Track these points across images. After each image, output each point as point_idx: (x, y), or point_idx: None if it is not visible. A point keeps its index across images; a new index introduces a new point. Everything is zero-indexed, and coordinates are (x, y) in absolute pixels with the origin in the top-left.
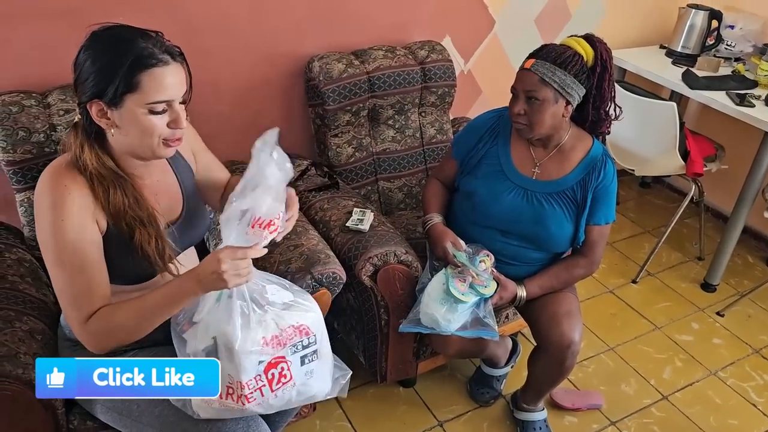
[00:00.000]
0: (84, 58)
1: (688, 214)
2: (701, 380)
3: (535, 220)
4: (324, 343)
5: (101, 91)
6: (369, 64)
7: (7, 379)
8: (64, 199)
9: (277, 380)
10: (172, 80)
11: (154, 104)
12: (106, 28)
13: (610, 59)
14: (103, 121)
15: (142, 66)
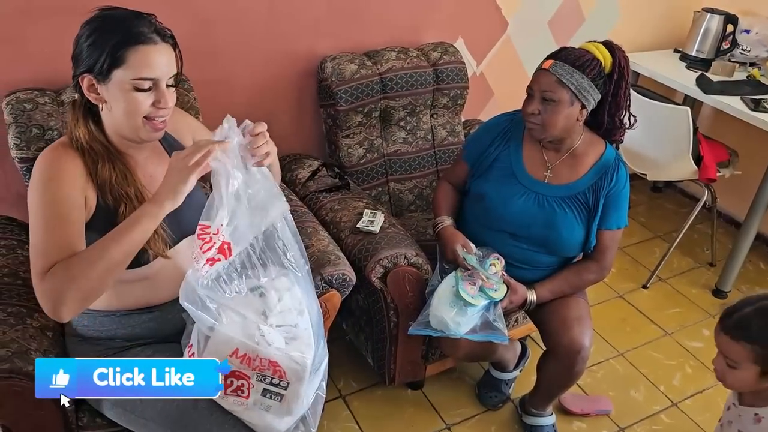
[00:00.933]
0: (80, 33)
1: (700, 219)
2: (712, 387)
3: (547, 224)
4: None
5: (91, 64)
6: (381, 65)
7: (17, 375)
8: (57, 166)
9: (233, 389)
10: (160, 59)
11: (140, 80)
12: (107, 8)
13: (627, 67)
14: (92, 95)
15: (130, 42)
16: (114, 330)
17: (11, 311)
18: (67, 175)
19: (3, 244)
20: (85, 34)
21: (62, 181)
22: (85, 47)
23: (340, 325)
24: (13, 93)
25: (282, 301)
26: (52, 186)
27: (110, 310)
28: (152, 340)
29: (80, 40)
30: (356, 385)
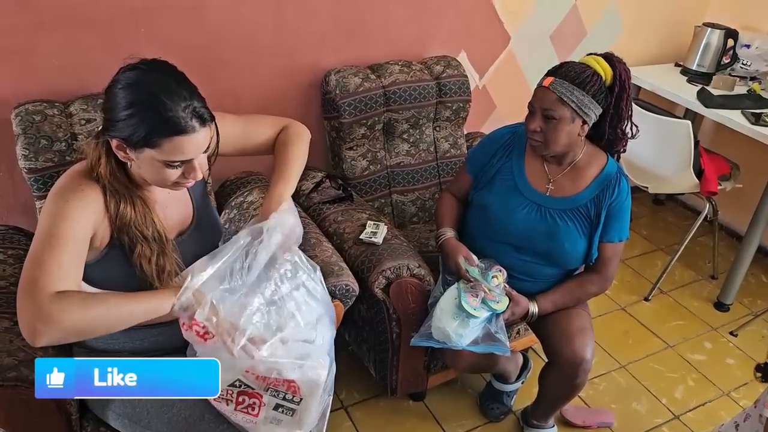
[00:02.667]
0: (120, 98)
1: (701, 232)
2: (714, 400)
3: (549, 236)
4: (308, 415)
5: (125, 135)
6: (385, 78)
7: (24, 383)
8: (76, 195)
9: (243, 406)
10: (195, 146)
11: (171, 162)
12: (151, 70)
13: (628, 79)
14: (121, 154)
15: (167, 132)
16: (122, 343)
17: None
18: (84, 205)
19: (10, 253)
20: (124, 102)
21: (77, 208)
22: (122, 116)
23: (342, 336)
24: (22, 105)
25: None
26: (66, 211)
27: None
28: (159, 353)
29: (117, 102)
30: (358, 396)
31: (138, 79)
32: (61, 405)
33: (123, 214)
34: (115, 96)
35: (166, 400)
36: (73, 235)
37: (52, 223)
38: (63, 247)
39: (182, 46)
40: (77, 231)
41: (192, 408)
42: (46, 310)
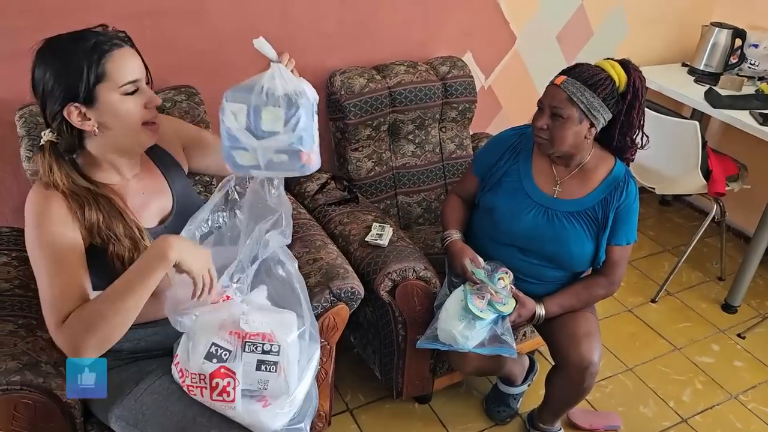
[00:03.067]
0: (41, 73)
1: (709, 233)
2: (722, 403)
3: (556, 239)
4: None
5: (73, 92)
6: (390, 79)
7: (28, 387)
8: (43, 208)
9: (218, 391)
10: (133, 61)
11: (125, 86)
12: (48, 39)
13: (642, 87)
14: (86, 123)
15: (102, 52)
16: (120, 343)
17: (22, 323)
18: (56, 215)
19: (15, 255)
20: (49, 68)
21: (52, 223)
22: (58, 78)
23: (348, 339)
24: (26, 106)
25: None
26: (43, 230)
27: None
28: (157, 352)
29: (45, 77)
30: (364, 399)
31: (44, 49)
32: (65, 409)
33: (89, 217)
34: (39, 78)
35: (161, 404)
36: (60, 256)
37: (36, 256)
38: (54, 275)
39: (187, 48)
40: (62, 248)
41: (184, 412)
42: (64, 344)
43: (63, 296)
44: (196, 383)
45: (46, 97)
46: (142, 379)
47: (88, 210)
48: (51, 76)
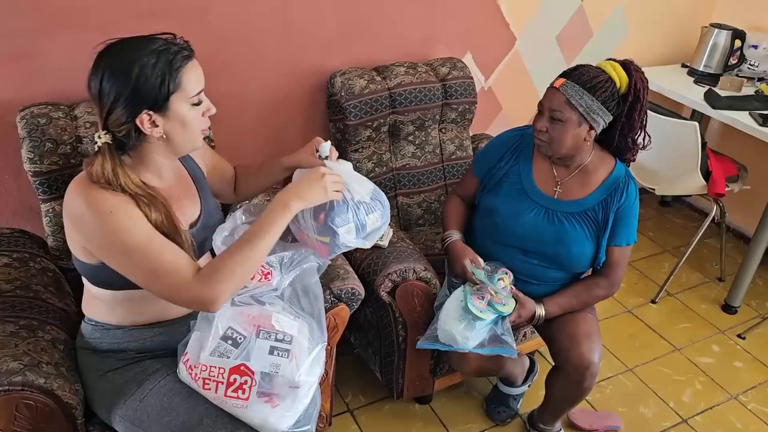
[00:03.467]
0: (112, 78)
1: (708, 234)
2: (722, 404)
3: (556, 240)
4: (303, 359)
5: (150, 100)
6: (390, 80)
7: (29, 388)
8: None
9: (234, 388)
10: (200, 72)
11: (194, 97)
12: (117, 44)
13: (644, 89)
14: (155, 130)
15: (180, 63)
16: (126, 343)
17: (23, 324)
18: (130, 207)
19: (16, 257)
20: (127, 73)
21: (129, 209)
22: (135, 85)
23: (348, 340)
24: (27, 108)
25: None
26: (124, 216)
27: (123, 325)
28: (161, 353)
29: (118, 81)
30: (364, 400)
31: (115, 56)
32: (66, 409)
33: (156, 218)
34: (111, 85)
35: (166, 404)
36: (153, 232)
37: (124, 237)
38: (151, 243)
39: None
40: (143, 223)
41: (191, 412)
42: (202, 296)
43: (178, 258)
44: (213, 377)
45: (116, 102)
46: (147, 379)
47: (153, 211)
48: (126, 83)
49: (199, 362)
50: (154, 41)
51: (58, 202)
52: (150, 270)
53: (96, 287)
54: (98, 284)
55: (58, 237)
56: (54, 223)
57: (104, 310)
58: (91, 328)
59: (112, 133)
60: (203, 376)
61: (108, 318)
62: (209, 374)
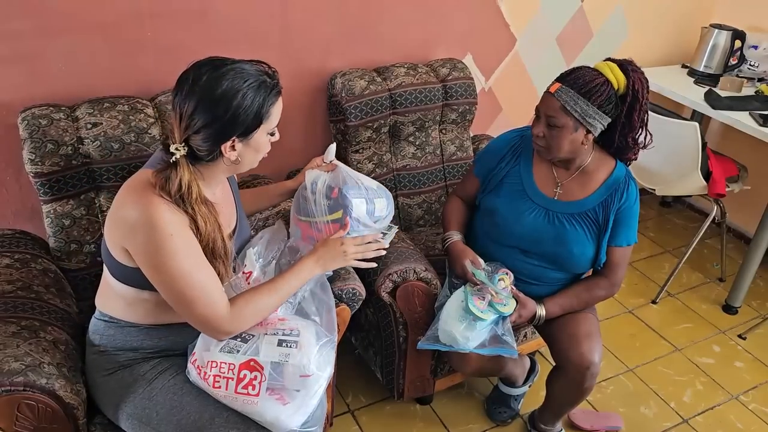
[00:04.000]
0: (210, 106)
1: (709, 234)
2: (722, 404)
3: (557, 241)
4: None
5: (242, 129)
6: (391, 81)
7: (31, 388)
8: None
9: (244, 384)
10: (281, 104)
11: (274, 127)
12: (214, 67)
13: (643, 89)
14: (232, 153)
15: (274, 100)
16: (140, 341)
17: (25, 324)
18: (188, 232)
19: (17, 258)
20: (225, 102)
21: (183, 229)
22: (234, 114)
23: (349, 340)
24: (28, 109)
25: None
26: (180, 239)
27: (140, 323)
28: (173, 353)
29: (214, 108)
30: (365, 400)
31: (221, 75)
32: (68, 410)
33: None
34: (209, 102)
35: (176, 403)
36: (201, 256)
37: (176, 262)
38: (198, 274)
39: (189, 49)
40: (196, 251)
41: (202, 411)
42: (230, 328)
43: (216, 293)
44: (224, 373)
45: (208, 127)
46: (156, 378)
47: (209, 228)
48: (224, 112)
49: (210, 359)
50: (250, 73)
51: (58, 203)
52: (188, 298)
53: (121, 284)
54: (126, 282)
55: (59, 238)
56: (55, 224)
57: (123, 307)
58: (104, 324)
59: (189, 147)
60: (213, 374)
61: (125, 315)
62: (219, 370)
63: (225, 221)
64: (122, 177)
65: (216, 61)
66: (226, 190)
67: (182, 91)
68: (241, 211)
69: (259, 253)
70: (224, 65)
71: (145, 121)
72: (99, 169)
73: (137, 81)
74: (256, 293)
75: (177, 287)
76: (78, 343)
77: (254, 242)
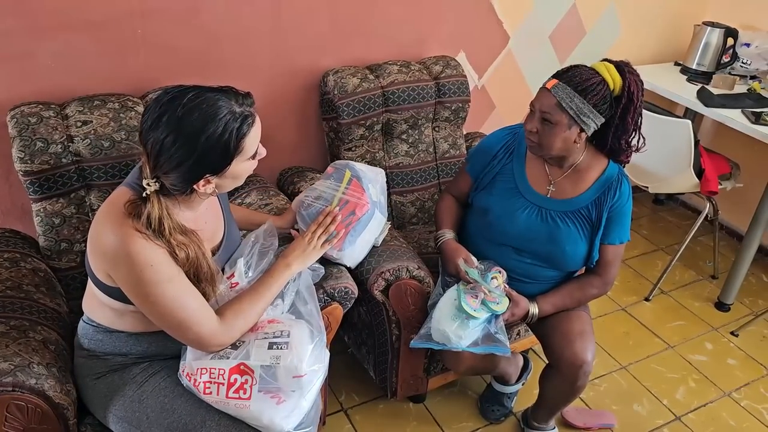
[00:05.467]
0: (176, 146)
1: (702, 232)
2: (715, 401)
3: (549, 239)
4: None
5: (213, 168)
6: (384, 78)
7: (20, 389)
8: (156, 257)
9: (235, 389)
10: (259, 127)
11: (253, 154)
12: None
13: (638, 91)
14: (208, 187)
15: (244, 133)
16: (129, 347)
17: (14, 324)
18: (168, 259)
19: (7, 257)
20: (192, 143)
21: (163, 259)
22: (200, 156)
23: (342, 339)
24: (17, 107)
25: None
26: (159, 269)
27: (128, 331)
28: (163, 356)
29: (183, 149)
30: (358, 399)
31: (183, 116)
32: (58, 410)
33: (186, 262)
34: (177, 142)
35: (167, 405)
36: (179, 285)
37: (160, 291)
38: (184, 298)
39: (180, 47)
40: (178, 277)
41: (192, 414)
42: (226, 339)
43: (205, 312)
44: (214, 378)
45: (177, 168)
46: (146, 381)
47: (189, 253)
48: (190, 152)
49: (200, 366)
50: (218, 106)
51: (48, 202)
52: (178, 321)
53: (107, 296)
54: (111, 296)
55: (49, 237)
56: (45, 223)
57: (111, 316)
58: (93, 329)
59: (161, 182)
60: (204, 380)
61: (113, 324)
62: (210, 376)
63: (209, 236)
64: (112, 175)
65: (178, 95)
66: (211, 202)
67: (146, 128)
68: (230, 220)
69: (250, 264)
70: (187, 102)
71: (135, 119)
72: (89, 167)
73: (128, 79)
74: (242, 303)
75: (165, 313)
76: (68, 343)
77: (244, 248)
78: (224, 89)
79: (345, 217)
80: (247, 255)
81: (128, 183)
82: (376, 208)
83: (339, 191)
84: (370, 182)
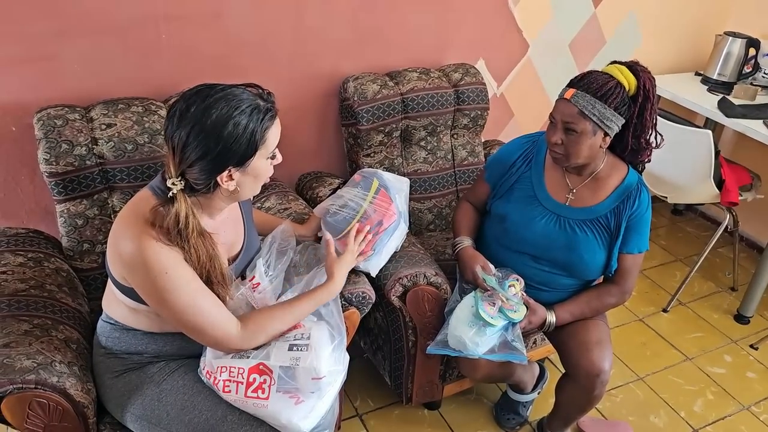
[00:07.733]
0: (201, 138)
1: (721, 243)
2: (733, 414)
3: (568, 247)
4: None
5: (237, 159)
6: (403, 85)
7: (43, 387)
8: (170, 262)
9: (254, 388)
10: (279, 126)
11: (274, 151)
12: (203, 96)
13: (652, 88)
14: (230, 183)
15: (268, 125)
16: (145, 345)
17: (37, 323)
18: (183, 265)
19: (30, 257)
20: (216, 133)
21: (179, 264)
22: (225, 145)
23: (358, 344)
24: (44, 109)
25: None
26: (176, 273)
27: (145, 330)
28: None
29: (206, 140)
30: (373, 404)
31: (210, 104)
32: (78, 408)
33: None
34: (201, 133)
35: (187, 403)
36: (196, 289)
37: (176, 296)
38: (201, 302)
39: (203, 52)
40: (195, 282)
41: (213, 410)
42: (241, 347)
43: (222, 315)
44: (234, 377)
45: (201, 159)
46: (165, 379)
47: (206, 259)
48: (216, 142)
49: (220, 364)
50: (241, 98)
51: (72, 203)
52: (196, 325)
53: (124, 295)
54: (129, 296)
55: (72, 237)
56: (68, 223)
57: (127, 314)
58: (110, 327)
59: (185, 180)
60: (223, 378)
61: (130, 321)
62: (230, 374)
63: (228, 244)
64: (135, 177)
65: (204, 89)
66: (233, 210)
67: (172, 124)
68: (251, 231)
69: (269, 263)
70: (212, 94)
71: (158, 123)
72: (112, 169)
73: (151, 83)
74: (271, 317)
75: (183, 318)
76: (89, 342)
77: (263, 249)
78: (249, 85)
79: (372, 227)
80: (265, 255)
81: (152, 187)
82: (401, 219)
83: (366, 200)
84: (396, 192)
